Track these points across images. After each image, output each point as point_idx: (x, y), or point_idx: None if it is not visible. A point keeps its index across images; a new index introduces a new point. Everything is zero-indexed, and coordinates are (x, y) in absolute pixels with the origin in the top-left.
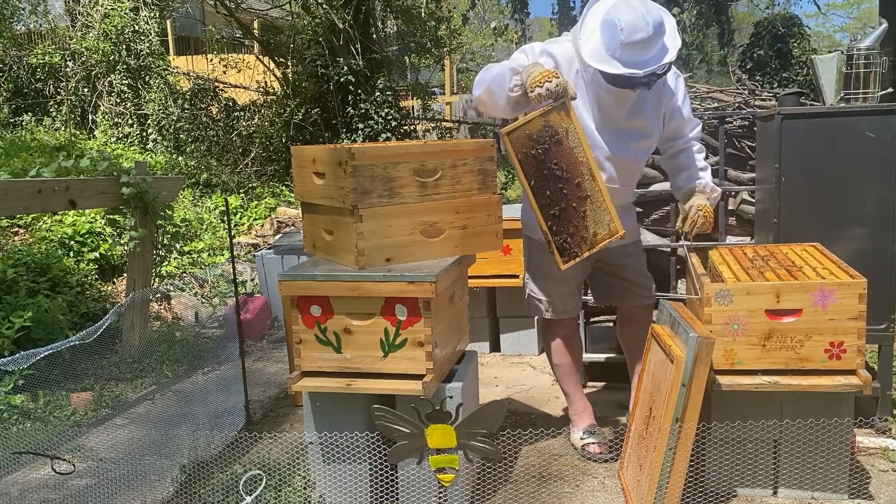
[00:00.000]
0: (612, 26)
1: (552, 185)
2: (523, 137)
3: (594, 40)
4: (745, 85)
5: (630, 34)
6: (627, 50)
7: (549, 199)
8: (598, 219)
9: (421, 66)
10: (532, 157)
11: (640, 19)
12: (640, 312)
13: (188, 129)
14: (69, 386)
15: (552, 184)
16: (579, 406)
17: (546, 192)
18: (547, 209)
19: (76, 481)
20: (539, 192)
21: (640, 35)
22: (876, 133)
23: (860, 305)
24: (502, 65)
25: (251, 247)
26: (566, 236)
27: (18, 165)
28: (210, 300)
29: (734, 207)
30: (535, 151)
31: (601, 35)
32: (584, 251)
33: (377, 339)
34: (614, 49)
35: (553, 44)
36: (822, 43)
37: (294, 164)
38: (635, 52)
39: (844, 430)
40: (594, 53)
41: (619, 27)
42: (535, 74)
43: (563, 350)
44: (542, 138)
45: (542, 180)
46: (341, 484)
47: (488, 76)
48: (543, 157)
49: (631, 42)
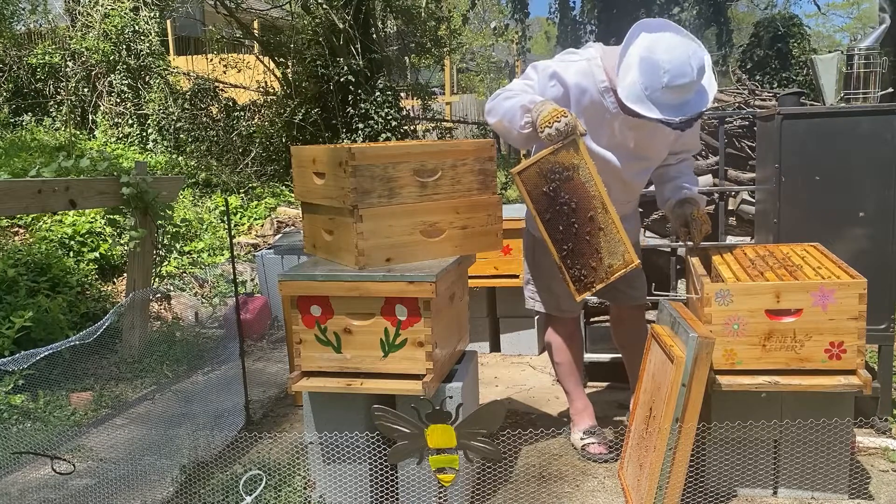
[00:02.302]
0: (653, 67)
1: (565, 219)
2: (534, 176)
3: (631, 76)
4: (745, 85)
5: (673, 78)
6: (667, 93)
7: (563, 234)
8: (612, 250)
9: (421, 66)
10: (543, 193)
11: (685, 63)
12: (632, 313)
13: (188, 129)
14: (69, 386)
15: (565, 219)
16: (580, 405)
17: (559, 227)
18: (560, 243)
19: (76, 481)
20: (552, 228)
21: (683, 80)
22: (875, 133)
23: (860, 305)
24: (514, 95)
25: (251, 247)
26: (580, 268)
27: (18, 165)
28: (210, 300)
29: (734, 207)
30: (547, 188)
31: (640, 73)
32: (598, 283)
33: (377, 339)
34: (653, 90)
35: (566, 63)
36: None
37: (294, 164)
38: (674, 96)
39: (844, 430)
40: (631, 92)
41: (663, 69)
42: (545, 114)
43: (564, 348)
44: (553, 176)
45: (555, 215)
46: (341, 484)
47: (500, 109)
48: (554, 193)
49: (673, 86)
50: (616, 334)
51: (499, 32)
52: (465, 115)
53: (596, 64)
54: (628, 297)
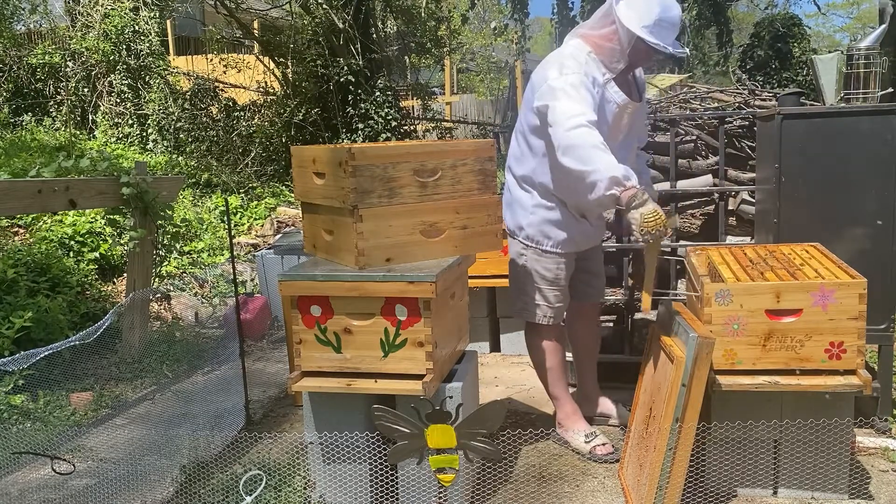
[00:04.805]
0: (646, 5)
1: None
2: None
3: (631, 21)
4: (745, 85)
5: (664, 10)
6: (656, 27)
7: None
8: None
9: (421, 66)
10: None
11: (674, 2)
12: (592, 310)
13: (188, 129)
14: (69, 386)
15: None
16: (570, 409)
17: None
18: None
19: (76, 481)
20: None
21: (675, 13)
22: (875, 133)
23: (860, 305)
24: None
25: (251, 247)
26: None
27: (18, 165)
28: (210, 300)
29: (734, 207)
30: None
31: (636, 13)
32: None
33: (377, 339)
34: (650, 26)
35: (579, 75)
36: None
37: (294, 164)
38: (663, 31)
39: (844, 430)
40: (635, 28)
41: (654, 3)
42: (648, 216)
43: (555, 352)
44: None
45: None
46: (341, 484)
47: (587, 158)
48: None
49: (665, 17)
50: (570, 329)
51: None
52: (465, 115)
53: (593, 58)
54: (585, 294)
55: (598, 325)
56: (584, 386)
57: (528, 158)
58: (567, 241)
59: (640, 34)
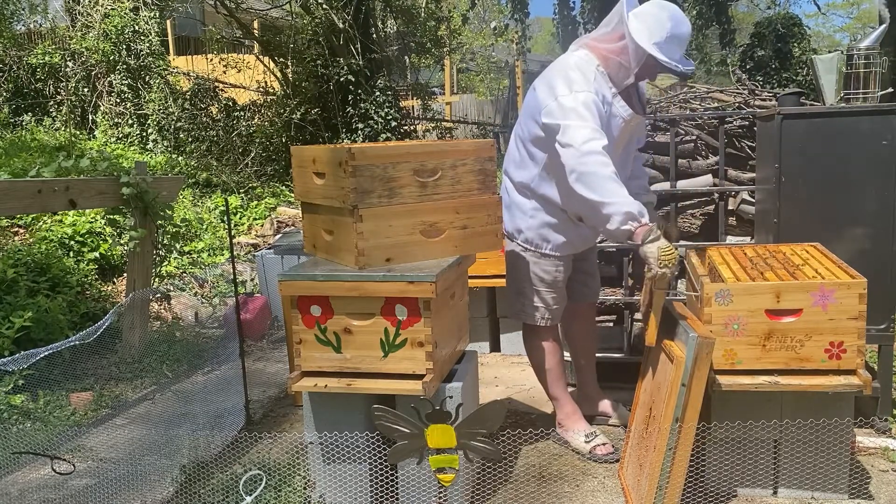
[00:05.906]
0: (656, 20)
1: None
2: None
3: (641, 34)
4: (745, 85)
5: (675, 25)
6: (666, 43)
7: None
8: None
9: (421, 66)
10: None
11: (682, 17)
12: (589, 310)
13: (188, 129)
14: (69, 386)
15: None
16: (569, 409)
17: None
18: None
19: (76, 481)
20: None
21: (685, 29)
22: (875, 133)
23: (860, 305)
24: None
25: (251, 247)
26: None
27: (18, 165)
28: (210, 300)
29: (734, 207)
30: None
31: (647, 28)
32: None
33: (377, 339)
34: (659, 37)
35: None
36: (822, 43)
37: (294, 164)
38: (673, 48)
39: (844, 430)
40: (646, 44)
41: (666, 17)
42: (665, 249)
43: (553, 353)
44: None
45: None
46: (341, 484)
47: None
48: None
49: (676, 34)
50: (567, 330)
51: (499, 32)
52: (465, 115)
53: (601, 72)
54: (582, 294)
55: (596, 324)
56: (583, 386)
57: (528, 166)
58: (566, 244)
59: (651, 52)
